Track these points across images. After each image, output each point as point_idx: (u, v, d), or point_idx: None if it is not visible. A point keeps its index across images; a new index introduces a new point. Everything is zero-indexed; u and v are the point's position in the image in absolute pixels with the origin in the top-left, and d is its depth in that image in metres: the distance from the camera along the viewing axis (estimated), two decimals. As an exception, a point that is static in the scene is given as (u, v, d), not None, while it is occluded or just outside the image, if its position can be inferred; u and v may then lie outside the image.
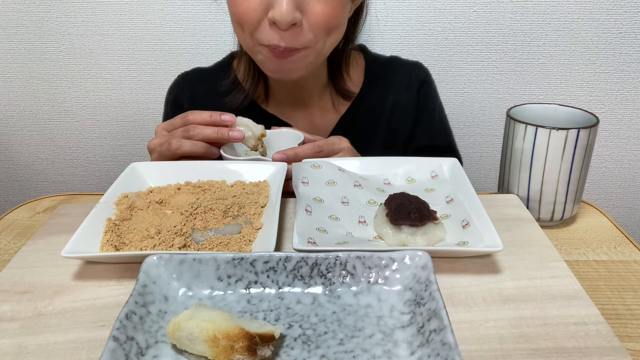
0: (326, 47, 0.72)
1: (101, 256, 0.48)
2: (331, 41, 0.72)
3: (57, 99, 1.18)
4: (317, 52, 0.71)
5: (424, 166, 0.63)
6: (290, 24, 0.64)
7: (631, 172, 1.24)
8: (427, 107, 0.89)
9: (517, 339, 0.40)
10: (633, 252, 0.56)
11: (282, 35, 0.66)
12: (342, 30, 0.73)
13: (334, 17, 0.67)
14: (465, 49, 1.12)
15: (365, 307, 0.42)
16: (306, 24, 0.66)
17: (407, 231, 0.51)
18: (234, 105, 0.82)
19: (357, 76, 0.88)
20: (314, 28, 0.67)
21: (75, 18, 1.10)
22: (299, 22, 0.65)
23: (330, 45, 0.73)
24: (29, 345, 0.40)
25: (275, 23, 0.64)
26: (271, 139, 0.71)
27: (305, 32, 0.67)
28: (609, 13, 1.08)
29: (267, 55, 0.69)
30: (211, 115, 0.66)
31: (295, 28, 0.65)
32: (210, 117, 0.66)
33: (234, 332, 0.36)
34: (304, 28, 0.66)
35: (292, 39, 0.66)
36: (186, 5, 1.09)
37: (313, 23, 0.66)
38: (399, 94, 0.88)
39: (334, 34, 0.71)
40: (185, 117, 0.67)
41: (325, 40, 0.70)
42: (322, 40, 0.69)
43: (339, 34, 0.73)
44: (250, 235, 0.52)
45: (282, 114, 0.85)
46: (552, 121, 0.63)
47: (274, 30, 0.66)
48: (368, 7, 0.82)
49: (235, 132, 0.65)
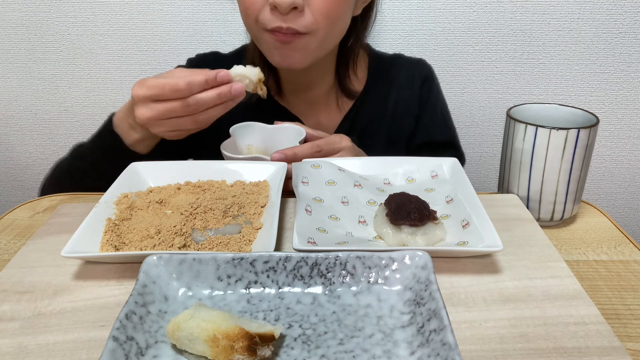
0: (329, 38, 0.73)
1: (101, 256, 0.48)
2: (335, 33, 0.73)
3: (57, 99, 1.18)
4: (319, 40, 0.71)
5: (424, 166, 0.63)
6: (290, 6, 0.66)
7: (631, 172, 1.24)
8: (429, 103, 0.90)
9: (517, 339, 0.40)
10: (633, 252, 0.56)
11: (284, 18, 0.67)
12: (345, 22, 0.74)
13: (335, 4, 0.69)
14: (465, 49, 1.12)
15: (365, 307, 0.42)
16: (308, 10, 0.68)
17: (407, 231, 0.51)
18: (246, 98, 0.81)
19: (362, 75, 0.89)
20: (315, 14, 0.68)
21: (75, 18, 1.10)
22: (300, 6, 0.66)
23: (334, 37, 0.74)
24: (28, 345, 0.40)
25: (276, 6, 0.66)
26: (273, 135, 0.71)
27: (306, 16, 0.68)
28: (609, 13, 1.08)
29: (271, 42, 0.70)
30: (206, 81, 0.61)
31: (296, 12, 0.67)
32: (206, 83, 0.61)
33: (233, 332, 0.36)
34: (306, 13, 0.68)
35: (293, 21, 0.67)
36: (186, 5, 1.09)
37: (315, 9, 0.68)
38: (402, 90, 0.89)
39: (337, 24, 0.71)
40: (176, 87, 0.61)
41: (328, 30, 0.70)
42: (324, 28, 0.70)
43: (342, 26, 0.74)
44: (250, 235, 0.52)
45: (293, 110, 0.86)
46: (552, 121, 0.63)
47: (275, 14, 0.67)
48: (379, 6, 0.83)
49: (237, 87, 0.62)
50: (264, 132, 0.72)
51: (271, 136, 0.71)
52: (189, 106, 0.61)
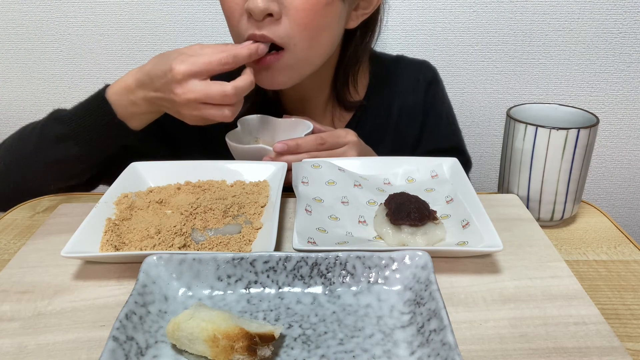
0: (311, 54, 0.68)
1: (101, 256, 0.48)
2: (317, 48, 0.67)
3: (57, 99, 1.18)
4: (298, 57, 0.66)
5: (424, 166, 0.63)
6: (264, 13, 0.62)
7: (631, 172, 1.24)
8: (434, 109, 0.87)
9: (517, 339, 0.40)
10: (633, 252, 0.56)
11: (258, 25, 0.63)
12: (329, 36, 0.68)
13: (314, 13, 0.63)
14: (465, 49, 1.12)
15: (365, 307, 0.42)
16: (285, 20, 0.63)
17: (407, 231, 0.51)
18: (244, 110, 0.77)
19: (363, 80, 0.85)
20: (292, 24, 0.63)
21: (75, 18, 1.10)
22: (275, 13, 0.62)
23: (317, 53, 0.69)
24: (28, 345, 0.40)
25: (251, 13, 0.62)
26: (280, 127, 0.71)
27: (283, 24, 0.64)
28: (609, 13, 1.08)
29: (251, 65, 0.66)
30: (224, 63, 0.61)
31: (272, 19, 0.63)
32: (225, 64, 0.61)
33: (233, 332, 0.36)
34: (282, 22, 0.63)
35: (268, 29, 0.63)
36: (186, 5, 1.09)
37: (292, 19, 0.63)
38: (406, 95, 0.85)
39: (317, 37, 0.66)
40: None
41: (306, 44, 0.65)
42: (301, 41, 0.65)
43: (325, 40, 0.68)
44: (250, 235, 0.52)
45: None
46: (552, 121, 0.63)
47: (251, 22, 0.64)
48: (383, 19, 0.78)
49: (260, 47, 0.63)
50: (272, 124, 0.72)
51: (278, 129, 0.71)
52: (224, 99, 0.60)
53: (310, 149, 0.64)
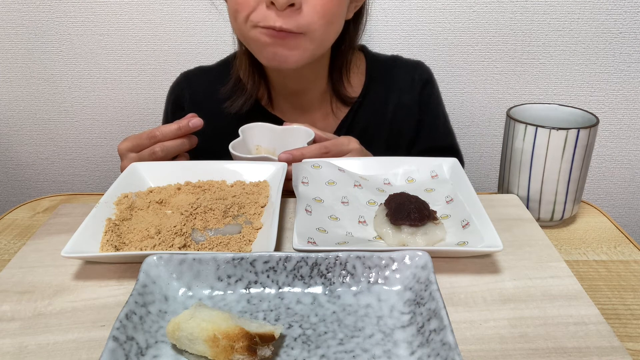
0: (324, 40, 0.71)
1: (101, 256, 0.48)
2: (329, 34, 0.71)
3: (57, 99, 1.18)
4: (314, 42, 0.69)
5: (424, 166, 0.63)
6: (287, 3, 0.64)
7: (631, 172, 1.24)
8: (429, 108, 0.88)
9: (517, 339, 0.40)
10: (633, 252, 0.56)
11: (279, 15, 0.65)
12: (339, 24, 0.73)
13: (334, 4, 0.68)
14: (465, 49, 1.12)
15: (365, 307, 0.42)
16: (305, 8, 0.66)
17: (407, 231, 0.51)
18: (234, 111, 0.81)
19: (358, 78, 0.87)
20: (312, 14, 0.66)
21: (75, 18, 1.10)
22: (297, 3, 0.65)
23: (328, 39, 0.72)
24: (29, 345, 0.40)
25: (273, 3, 0.64)
26: (282, 136, 0.71)
27: (303, 15, 0.66)
28: (609, 13, 1.08)
29: (261, 39, 0.68)
30: (179, 128, 0.67)
31: (292, 10, 0.65)
32: (179, 130, 0.67)
33: (233, 332, 0.36)
34: (303, 12, 0.66)
35: (288, 20, 0.66)
36: (186, 5, 1.09)
37: (312, 7, 0.66)
38: (401, 95, 0.87)
39: (332, 25, 0.70)
40: (152, 134, 0.67)
41: (323, 30, 0.69)
42: (319, 28, 0.68)
43: (337, 27, 0.72)
44: (250, 235, 0.52)
45: (285, 118, 0.85)
46: (552, 121, 0.63)
47: (270, 11, 0.66)
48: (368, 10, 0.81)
49: (194, 120, 0.68)
50: (273, 132, 0.72)
51: (280, 137, 0.71)
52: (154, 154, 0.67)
53: (315, 158, 0.64)
